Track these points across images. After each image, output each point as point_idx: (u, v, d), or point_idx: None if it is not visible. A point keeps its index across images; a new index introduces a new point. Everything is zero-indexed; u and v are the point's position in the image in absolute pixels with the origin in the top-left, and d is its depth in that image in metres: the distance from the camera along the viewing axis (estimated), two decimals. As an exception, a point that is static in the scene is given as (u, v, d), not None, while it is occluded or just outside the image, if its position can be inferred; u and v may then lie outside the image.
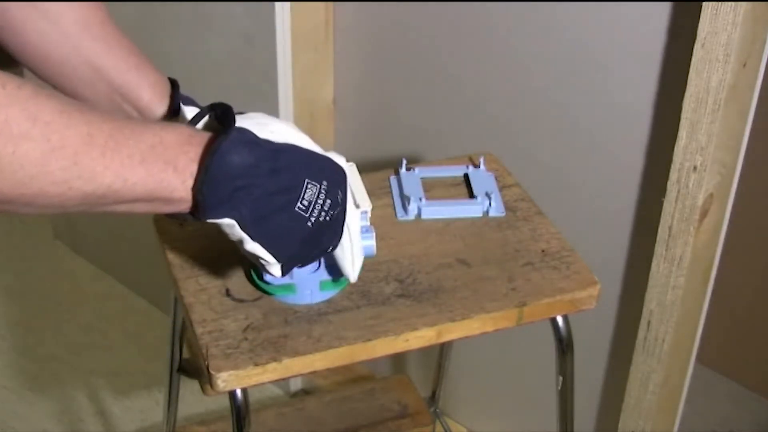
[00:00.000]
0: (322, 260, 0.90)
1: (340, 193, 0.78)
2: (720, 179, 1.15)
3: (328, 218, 0.77)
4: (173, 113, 0.88)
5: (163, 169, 0.69)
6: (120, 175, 0.67)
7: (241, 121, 0.77)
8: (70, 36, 0.85)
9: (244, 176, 0.72)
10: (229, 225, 0.74)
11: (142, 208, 0.72)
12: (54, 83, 0.87)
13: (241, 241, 0.76)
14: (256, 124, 0.77)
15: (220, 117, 0.77)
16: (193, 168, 0.71)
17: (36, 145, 0.62)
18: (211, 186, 0.71)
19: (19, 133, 0.61)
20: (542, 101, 1.32)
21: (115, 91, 0.87)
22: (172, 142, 0.70)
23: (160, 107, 0.89)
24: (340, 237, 0.81)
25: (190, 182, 0.71)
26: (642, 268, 1.25)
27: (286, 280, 0.88)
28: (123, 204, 0.70)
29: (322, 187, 0.76)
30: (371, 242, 0.88)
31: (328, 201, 0.77)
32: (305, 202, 0.75)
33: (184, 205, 0.72)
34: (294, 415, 1.56)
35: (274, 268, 0.79)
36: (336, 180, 0.78)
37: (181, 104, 0.88)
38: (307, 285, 0.89)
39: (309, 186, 0.75)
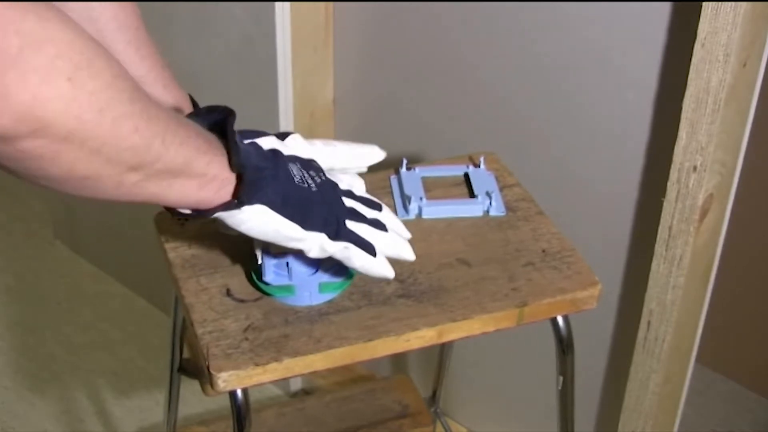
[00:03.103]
0: (321, 261, 0.89)
1: (313, 166, 0.85)
2: (720, 179, 1.15)
3: (319, 180, 0.83)
4: None
5: (196, 137, 0.72)
6: (160, 135, 0.68)
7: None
8: (105, 36, 0.84)
9: (259, 161, 0.78)
10: (261, 213, 0.77)
11: (177, 190, 0.72)
12: None
13: (268, 232, 0.80)
14: None
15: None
16: (223, 151, 0.75)
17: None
18: (244, 166, 0.75)
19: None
20: (542, 101, 1.32)
21: None
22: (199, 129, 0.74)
23: None
24: (339, 198, 0.85)
25: (223, 160, 0.74)
26: (642, 268, 1.25)
27: (286, 281, 0.88)
28: (161, 179, 0.70)
29: (297, 163, 0.83)
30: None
31: (310, 171, 0.83)
32: (297, 178, 0.81)
33: (217, 185, 0.74)
34: (294, 415, 1.56)
35: (307, 242, 0.81)
36: (306, 164, 0.85)
37: None
38: (306, 286, 0.89)
39: (289, 165, 0.82)
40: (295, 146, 0.89)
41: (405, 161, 1.09)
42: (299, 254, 0.86)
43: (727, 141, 1.12)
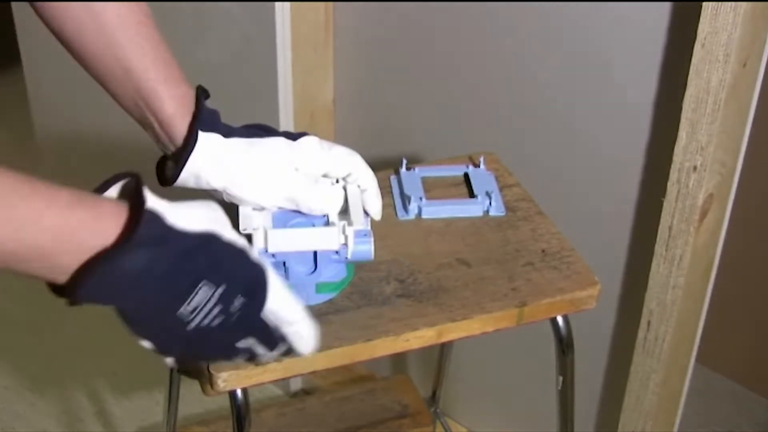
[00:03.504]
0: (318, 262, 0.89)
1: (238, 301, 0.70)
2: (720, 179, 1.15)
3: (212, 324, 0.70)
4: (191, 143, 0.85)
5: (25, 255, 0.63)
6: None
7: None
8: (106, 31, 0.83)
9: (131, 280, 0.66)
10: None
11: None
12: (87, 71, 0.86)
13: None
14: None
15: (133, 190, 0.68)
16: (66, 260, 0.64)
17: None
18: (90, 291, 0.66)
19: None
20: (542, 101, 1.32)
21: (140, 97, 0.85)
22: (51, 227, 0.63)
23: (182, 124, 0.85)
24: (240, 338, 0.72)
25: (59, 271, 0.65)
26: (642, 268, 1.25)
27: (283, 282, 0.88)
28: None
29: (219, 289, 0.69)
30: (368, 247, 0.88)
31: (219, 306, 0.69)
32: (191, 306, 0.68)
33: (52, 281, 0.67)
34: (294, 415, 1.56)
35: (165, 358, 0.73)
36: (239, 283, 0.70)
37: (200, 132, 0.85)
38: (304, 287, 0.88)
39: (203, 288, 0.68)
40: (306, 151, 0.88)
41: (405, 161, 1.09)
42: (297, 254, 0.86)
43: (727, 141, 1.12)
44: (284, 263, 0.89)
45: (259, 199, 0.88)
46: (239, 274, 0.71)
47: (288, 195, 0.88)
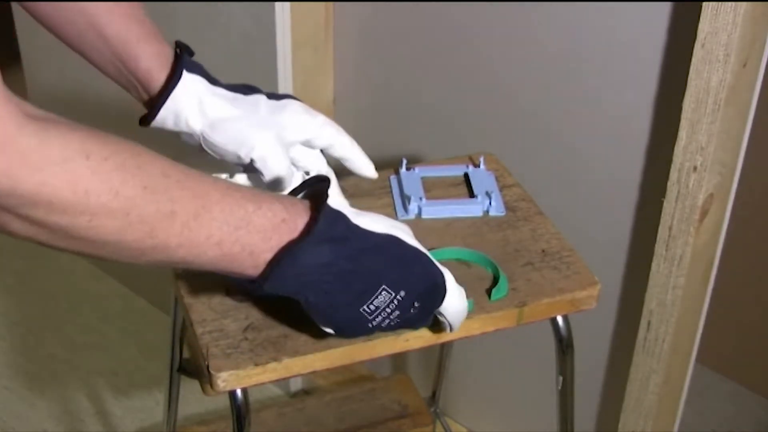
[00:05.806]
0: None
1: (416, 304, 0.76)
2: (720, 179, 1.15)
3: (391, 324, 0.77)
4: (175, 80, 0.87)
5: (238, 254, 0.69)
6: (192, 253, 0.67)
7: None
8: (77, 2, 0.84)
9: (314, 273, 0.71)
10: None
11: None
12: (65, 43, 0.87)
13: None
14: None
15: (313, 194, 0.74)
16: (269, 256, 0.70)
17: (113, 218, 0.62)
18: (277, 281, 0.70)
19: (97, 205, 0.61)
20: (542, 101, 1.32)
21: (118, 60, 0.87)
22: (260, 226, 0.69)
23: (160, 77, 0.87)
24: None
25: (263, 266, 0.70)
26: (642, 268, 1.25)
27: None
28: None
29: (398, 296, 0.75)
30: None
31: (397, 312, 0.76)
32: (372, 306, 0.75)
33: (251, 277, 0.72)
34: (294, 415, 1.56)
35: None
36: (417, 290, 0.76)
37: (185, 71, 0.87)
38: None
39: (383, 292, 0.74)
40: (288, 113, 0.90)
41: (405, 161, 1.09)
42: None
43: (727, 141, 1.12)
44: None
45: (234, 148, 0.88)
46: (418, 280, 0.76)
47: (258, 153, 0.88)
